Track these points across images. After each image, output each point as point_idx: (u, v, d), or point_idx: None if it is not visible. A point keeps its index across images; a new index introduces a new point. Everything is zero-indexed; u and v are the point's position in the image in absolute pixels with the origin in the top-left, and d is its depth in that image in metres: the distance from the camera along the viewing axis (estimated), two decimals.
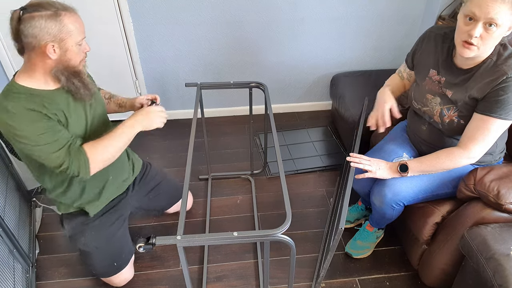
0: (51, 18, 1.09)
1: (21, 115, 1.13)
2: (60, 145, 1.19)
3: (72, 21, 1.14)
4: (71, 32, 1.14)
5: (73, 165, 1.20)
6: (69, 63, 1.19)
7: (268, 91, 1.69)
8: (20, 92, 1.16)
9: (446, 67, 1.34)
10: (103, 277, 1.57)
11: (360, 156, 1.39)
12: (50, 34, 1.10)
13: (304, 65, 2.57)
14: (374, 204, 1.52)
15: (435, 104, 1.38)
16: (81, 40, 1.18)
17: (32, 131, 1.14)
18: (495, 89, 1.19)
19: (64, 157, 1.19)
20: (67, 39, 1.14)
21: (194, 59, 2.45)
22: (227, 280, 1.65)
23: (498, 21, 1.10)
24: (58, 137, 1.19)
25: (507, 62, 1.19)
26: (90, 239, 1.46)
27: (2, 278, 1.37)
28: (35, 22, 1.08)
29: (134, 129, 1.32)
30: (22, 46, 1.13)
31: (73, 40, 1.15)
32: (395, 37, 2.50)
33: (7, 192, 1.69)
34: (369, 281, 1.65)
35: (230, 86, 1.75)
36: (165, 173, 1.81)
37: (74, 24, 1.14)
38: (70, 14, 1.14)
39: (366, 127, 1.52)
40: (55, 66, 1.18)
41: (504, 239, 1.21)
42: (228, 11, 2.26)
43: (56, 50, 1.13)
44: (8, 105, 1.12)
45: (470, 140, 1.26)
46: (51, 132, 1.17)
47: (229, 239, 1.03)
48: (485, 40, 1.15)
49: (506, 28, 1.14)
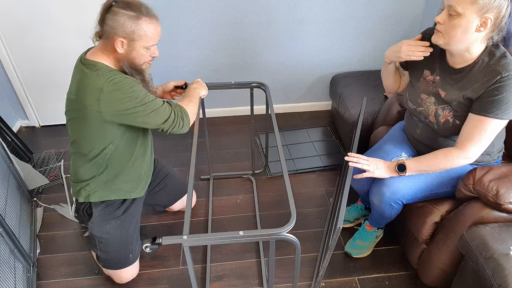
0: (132, 19, 1.23)
1: (125, 82, 1.27)
2: (162, 101, 1.36)
3: (149, 28, 1.26)
4: (143, 36, 1.26)
5: (177, 117, 1.37)
6: (133, 61, 1.31)
7: (269, 91, 1.69)
8: (112, 69, 1.30)
9: (439, 66, 1.35)
10: (115, 268, 1.57)
11: (358, 156, 1.40)
12: (125, 31, 1.23)
13: (304, 65, 2.58)
14: (373, 203, 1.52)
15: (430, 104, 1.39)
16: (151, 46, 1.30)
17: (140, 91, 1.29)
18: (489, 89, 1.19)
19: (170, 110, 1.36)
20: (138, 40, 1.26)
21: (194, 60, 2.45)
22: (227, 279, 1.66)
23: (457, 9, 1.13)
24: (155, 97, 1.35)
25: (500, 62, 1.19)
26: (115, 228, 1.52)
27: (3, 277, 1.37)
28: (118, 17, 1.22)
29: (199, 93, 1.54)
30: (102, 32, 1.27)
31: (142, 43, 1.28)
32: (394, 37, 2.51)
33: (8, 191, 1.70)
34: (368, 280, 1.65)
35: (232, 87, 1.76)
36: (170, 168, 1.85)
37: (149, 31, 1.27)
38: (150, 21, 1.27)
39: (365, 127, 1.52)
40: (121, 60, 1.31)
41: (503, 238, 1.21)
42: (228, 12, 2.27)
43: (124, 46, 1.26)
44: (112, 76, 1.26)
45: (467, 140, 1.27)
46: (149, 94, 1.33)
47: (234, 239, 1.04)
48: (448, 28, 1.18)
49: (473, 22, 1.14)
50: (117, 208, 1.54)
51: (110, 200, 1.53)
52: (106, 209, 1.53)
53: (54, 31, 2.21)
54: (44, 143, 2.50)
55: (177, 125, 1.38)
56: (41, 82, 2.40)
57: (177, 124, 1.38)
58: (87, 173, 1.46)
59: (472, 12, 1.13)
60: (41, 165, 2.27)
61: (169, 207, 1.89)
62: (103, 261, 1.56)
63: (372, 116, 2.09)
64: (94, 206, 1.52)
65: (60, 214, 1.95)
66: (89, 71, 1.27)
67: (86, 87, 1.26)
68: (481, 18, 1.13)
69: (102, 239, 1.51)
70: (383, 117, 1.98)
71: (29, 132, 2.62)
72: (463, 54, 1.25)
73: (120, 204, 1.56)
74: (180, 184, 1.87)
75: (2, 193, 1.63)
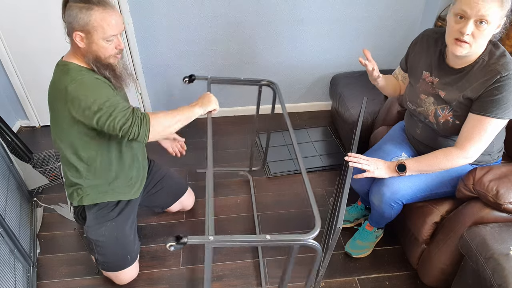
0: (83, 10, 1.16)
1: (88, 82, 1.23)
2: (126, 106, 1.27)
3: (103, 17, 1.18)
4: (98, 28, 1.19)
5: (135, 124, 1.25)
6: (97, 55, 1.25)
7: (279, 90, 1.68)
8: (81, 69, 1.26)
9: (438, 68, 1.35)
10: (114, 270, 1.56)
11: (358, 156, 1.40)
12: (79, 24, 1.18)
13: (304, 65, 2.58)
14: (373, 203, 1.52)
15: (429, 104, 1.39)
16: (110, 36, 1.22)
17: (100, 93, 1.23)
18: (489, 88, 1.19)
19: (129, 116, 1.25)
20: (94, 32, 1.20)
21: (194, 60, 2.45)
22: (227, 279, 1.66)
23: (488, 18, 1.12)
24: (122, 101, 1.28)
25: (499, 61, 1.19)
26: (111, 230, 1.50)
27: (3, 277, 1.37)
28: (71, 11, 1.17)
29: (193, 108, 1.39)
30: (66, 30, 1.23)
31: (99, 35, 1.20)
32: (394, 37, 2.51)
33: (8, 191, 1.70)
34: (368, 280, 1.65)
35: (240, 82, 1.71)
36: (167, 169, 1.83)
37: (104, 20, 1.19)
38: (103, 9, 1.18)
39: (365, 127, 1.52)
40: (85, 56, 1.25)
41: (503, 238, 1.21)
42: (228, 12, 2.27)
43: (84, 40, 1.21)
44: (78, 76, 1.22)
45: (467, 140, 1.27)
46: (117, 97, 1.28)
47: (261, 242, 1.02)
48: (477, 37, 1.16)
49: (496, 26, 1.15)
50: (111, 210, 1.52)
51: (104, 202, 1.51)
52: (100, 212, 1.51)
53: (54, 31, 2.21)
54: (44, 143, 2.50)
55: (131, 134, 1.25)
56: (41, 82, 2.40)
57: (132, 133, 1.25)
58: (74, 176, 1.44)
59: (499, 17, 1.13)
60: (41, 165, 2.27)
61: (168, 208, 1.89)
62: (102, 264, 1.55)
63: (372, 116, 2.09)
64: (88, 209, 1.51)
65: (60, 214, 1.95)
66: (60, 72, 1.26)
67: (55, 89, 1.26)
68: (501, 20, 1.15)
69: (98, 242, 1.50)
70: (383, 117, 1.98)
71: (29, 132, 2.62)
72: (468, 56, 1.24)
73: (114, 206, 1.54)
74: (177, 185, 1.86)
75: (2, 193, 1.62)
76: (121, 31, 1.26)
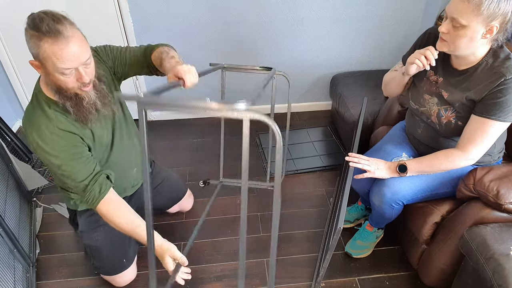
0: (33, 39, 1.04)
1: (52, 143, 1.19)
2: (80, 178, 1.23)
3: (52, 50, 1.03)
4: (48, 60, 1.05)
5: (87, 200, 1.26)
6: (57, 85, 1.13)
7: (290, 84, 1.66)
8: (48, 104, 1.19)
9: (443, 67, 1.35)
10: (110, 274, 1.56)
11: (359, 156, 1.40)
12: (32, 53, 1.07)
13: (304, 65, 2.58)
14: (373, 204, 1.52)
15: (433, 105, 1.38)
16: (64, 70, 1.07)
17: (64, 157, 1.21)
18: (493, 91, 1.19)
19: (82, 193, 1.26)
20: (45, 64, 1.06)
21: (194, 60, 2.44)
22: (227, 279, 1.65)
23: (461, 21, 1.12)
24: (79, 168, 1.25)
25: (504, 64, 1.18)
26: (104, 235, 1.48)
27: (3, 277, 1.37)
28: (26, 36, 1.06)
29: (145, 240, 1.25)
30: None
31: (51, 68, 1.06)
32: (394, 37, 2.51)
33: (7, 192, 1.70)
34: (368, 280, 1.65)
35: (255, 70, 1.66)
36: (166, 172, 1.81)
37: (53, 54, 1.03)
38: (53, 42, 1.02)
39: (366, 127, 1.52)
40: (48, 84, 1.15)
41: (504, 239, 1.21)
42: (228, 11, 2.26)
43: (40, 68, 1.10)
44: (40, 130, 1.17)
45: (468, 142, 1.26)
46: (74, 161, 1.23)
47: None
48: (453, 37, 1.18)
49: (478, 31, 1.13)
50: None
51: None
52: (92, 217, 1.48)
53: None
54: None
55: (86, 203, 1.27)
56: None
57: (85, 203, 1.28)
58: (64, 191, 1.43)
59: (477, 22, 1.12)
60: (40, 165, 2.27)
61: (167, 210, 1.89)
62: (98, 268, 1.55)
63: (372, 116, 2.09)
64: (79, 214, 1.49)
65: (60, 214, 1.95)
66: (31, 104, 1.22)
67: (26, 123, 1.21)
68: (487, 27, 1.13)
69: (92, 247, 1.49)
70: (384, 117, 1.97)
71: None
72: (468, 57, 1.24)
73: None
74: (177, 188, 1.84)
75: (1, 193, 1.62)
76: (80, 63, 1.08)
